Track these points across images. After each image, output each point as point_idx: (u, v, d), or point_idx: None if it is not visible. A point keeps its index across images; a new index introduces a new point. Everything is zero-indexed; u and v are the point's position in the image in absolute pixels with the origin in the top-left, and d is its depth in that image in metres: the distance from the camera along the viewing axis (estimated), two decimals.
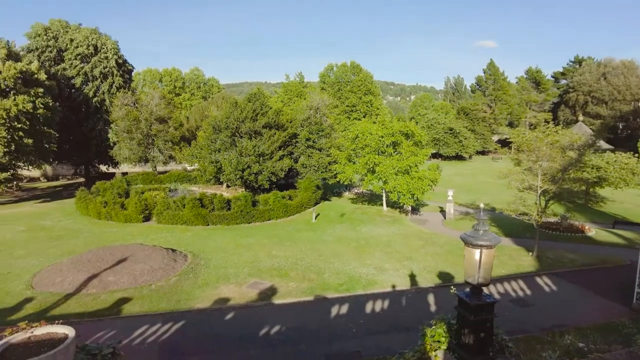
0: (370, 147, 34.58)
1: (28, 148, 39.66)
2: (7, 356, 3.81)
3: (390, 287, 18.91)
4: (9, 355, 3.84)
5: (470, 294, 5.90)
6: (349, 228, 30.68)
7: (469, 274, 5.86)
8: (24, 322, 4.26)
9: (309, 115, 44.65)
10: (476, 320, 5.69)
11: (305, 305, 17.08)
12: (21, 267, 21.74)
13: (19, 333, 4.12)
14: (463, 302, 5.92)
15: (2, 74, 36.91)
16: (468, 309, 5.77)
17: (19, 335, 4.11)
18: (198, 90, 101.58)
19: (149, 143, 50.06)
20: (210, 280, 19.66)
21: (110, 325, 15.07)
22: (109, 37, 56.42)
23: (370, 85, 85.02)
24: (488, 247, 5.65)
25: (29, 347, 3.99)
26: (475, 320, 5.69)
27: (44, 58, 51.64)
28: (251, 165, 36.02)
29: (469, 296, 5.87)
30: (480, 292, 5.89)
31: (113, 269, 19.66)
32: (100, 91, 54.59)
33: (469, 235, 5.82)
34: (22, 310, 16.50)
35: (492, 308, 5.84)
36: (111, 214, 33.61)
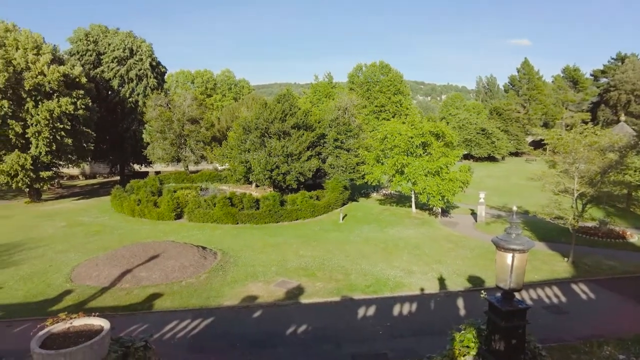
0: (399, 148, 34.21)
1: (68, 147, 41.56)
2: (48, 344, 4.01)
3: (419, 290, 18.65)
4: (50, 343, 4.04)
5: (501, 299, 5.74)
6: (376, 229, 30.47)
7: (501, 279, 5.71)
8: (63, 313, 4.48)
9: (337, 115, 44.61)
10: (507, 326, 5.53)
11: (332, 306, 17.08)
12: (61, 260, 22.82)
13: (59, 323, 4.33)
14: (494, 307, 5.77)
15: (47, 77, 38.78)
16: (499, 314, 5.62)
17: (59, 325, 4.32)
18: (229, 91, 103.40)
19: (182, 143, 51.35)
20: (238, 278, 19.97)
21: (143, 319, 15.55)
22: (144, 40, 58.30)
23: (400, 85, 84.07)
24: (521, 251, 5.49)
25: (68, 337, 4.19)
26: (506, 326, 5.53)
27: (84, 61, 53.91)
28: (280, 166, 36.37)
29: (500, 301, 5.72)
30: (512, 298, 5.72)
31: (145, 265, 20.30)
32: (135, 92, 56.49)
33: (501, 238, 5.67)
34: (62, 301, 17.29)
35: (524, 314, 5.67)
36: (144, 212, 34.69)
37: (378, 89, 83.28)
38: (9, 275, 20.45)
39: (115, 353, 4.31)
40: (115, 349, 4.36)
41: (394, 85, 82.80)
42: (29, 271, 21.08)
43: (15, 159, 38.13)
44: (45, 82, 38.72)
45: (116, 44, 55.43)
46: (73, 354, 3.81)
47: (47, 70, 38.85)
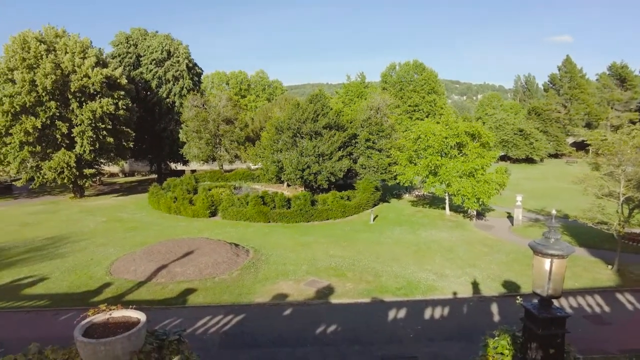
0: (433, 148, 33.61)
1: (110, 146, 43.48)
2: (90, 333, 4.22)
3: (451, 294, 18.26)
4: (91, 332, 4.25)
5: (538, 306, 5.54)
6: (408, 231, 30.07)
7: (538, 285, 5.51)
8: (103, 304, 4.69)
9: (369, 115, 44.33)
10: (545, 334, 5.33)
11: (362, 307, 17.01)
12: (102, 254, 23.89)
13: (99, 314, 4.54)
14: (530, 314, 5.57)
15: (91, 79, 40.68)
16: (535, 321, 5.43)
17: (100, 316, 4.53)
18: (263, 92, 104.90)
19: (217, 143, 52.54)
20: (270, 275, 20.23)
21: (177, 313, 16.03)
22: (181, 42, 60.07)
23: (434, 84, 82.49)
24: (560, 256, 5.27)
25: (107, 327, 4.39)
26: (543, 334, 5.33)
27: (124, 63, 56.14)
28: (311, 165, 36.56)
29: (537, 308, 5.52)
30: (550, 305, 5.51)
31: (180, 260, 20.91)
32: (172, 93, 58.30)
33: (539, 243, 5.47)
34: (102, 293, 18.10)
35: (563, 322, 5.44)
36: (180, 209, 35.73)
37: (412, 88, 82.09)
38: (55, 267, 21.60)
39: (150, 345, 4.46)
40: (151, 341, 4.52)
41: (428, 84, 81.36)
42: (73, 263, 22.19)
43: (61, 157, 40.20)
44: (89, 84, 40.64)
45: (155, 47, 57.43)
46: (112, 344, 3.98)
47: (91, 72, 40.76)
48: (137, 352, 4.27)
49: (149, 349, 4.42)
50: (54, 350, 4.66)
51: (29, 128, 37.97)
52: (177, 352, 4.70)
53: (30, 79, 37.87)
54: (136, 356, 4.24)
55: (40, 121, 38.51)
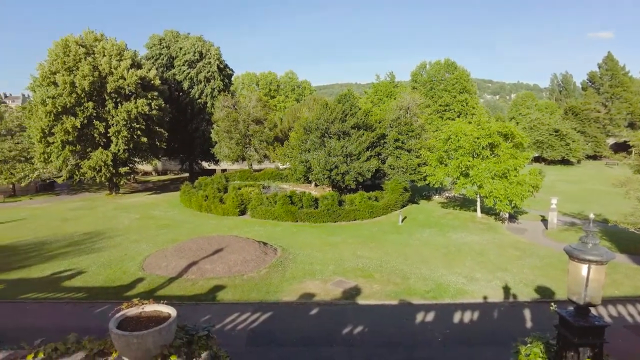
0: (464, 149, 32.89)
1: (143, 145, 44.92)
2: (123, 326, 4.37)
3: (482, 298, 17.82)
4: (125, 325, 4.41)
5: (574, 314, 5.32)
6: (438, 233, 29.55)
7: (573, 292, 5.29)
8: (136, 299, 4.85)
9: (398, 115, 43.86)
10: (581, 343, 5.11)
11: (389, 309, 16.84)
12: (135, 250, 24.71)
13: (132, 308, 4.70)
14: (565, 322, 5.36)
15: (126, 80, 42.16)
16: (571, 329, 5.21)
17: (133, 310, 4.69)
18: (292, 92, 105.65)
19: (246, 143, 53.32)
20: (297, 274, 20.34)
21: (206, 309, 16.37)
22: (212, 43, 61.30)
23: (466, 83, 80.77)
24: (598, 262, 5.04)
25: (140, 321, 4.53)
26: (580, 343, 5.11)
27: (158, 65, 57.83)
28: (339, 165, 36.52)
29: (573, 316, 5.29)
30: (587, 313, 5.28)
31: (210, 257, 21.33)
32: (203, 94, 59.59)
33: (575, 248, 5.25)
34: (135, 288, 18.71)
35: (601, 332, 5.20)
36: (211, 207, 36.48)
37: (443, 87, 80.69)
38: (92, 261, 22.52)
39: (180, 340, 4.57)
40: (181, 336, 4.63)
41: (460, 83, 79.75)
42: (108, 258, 23.06)
43: (99, 156, 41.85)
44: (124, 85, 42.14)
45: (187, 48, 58.86)
46: (144, 337, 4.11)
47: (126, 74, 42.25)
48: (168, 346, 4.38)
49: (179, 343, 4.53)
50: (91, 341, 4.86)
51: (69, 128, 39.76)
52: (206, 347, 4.79)
53: (70, 81, 39.63)
54: (166, 350, 4.36)
55: (79, 121, 40.26)
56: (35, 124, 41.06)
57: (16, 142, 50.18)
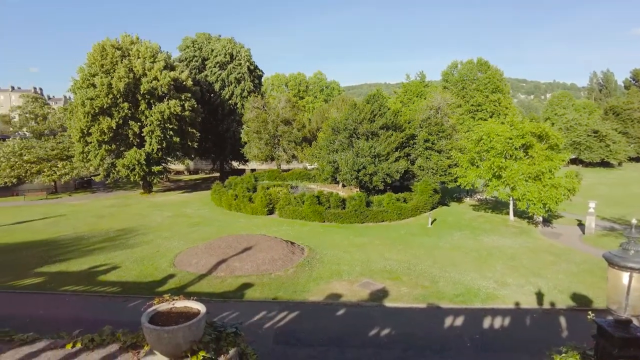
0: (496, 150, 32.03)
1: (176, 145, 46.14)
2: (155, 320, 4.50)
3: (513, 304, 17.29)
4: (156, 319, 4.53)
5: (613, 324, 5.07)
6: (468, 236, 28.90)
7: (613, 301, 5.05)
8: (167, 294, 4.97)
9: (428, 115, 43.20)
10: (622, 355, 4.87)
11: (417, 312, 16.60)
12: (167, 247, 25.39)
13: (163, 303, 4.83)
14: (604, 332, 5.11)
15: (159, 81, 43.41)
16: (611, 340, 4.97)
17: (164, 305, 4.81)
18: (320, 93, 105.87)
19: (275, 143, 53.87)
20: (324, 275, 20.35)
21: (234, 307, 16.61)
22: (243, 45, 62.27)
23: (499, 83, 78.51)
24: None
25: (170, 316, 4.65)
26: (620, 355, 4.87)
27: (191, 67, 59.26)
28: (367, 166, 36.30)
29: (612, 326, 5.05)
30: (629, 323, 5.02)
31: (239, 256, 21.66)
32: (234, 95, 60.62)
33: (616, 254, 5.01)
34: (166, 284, 19.22)
35: None
36: (240, 206, 37.06)
37: (475, 87, 78.79)
38: (126, 257, 23.30)
39: (209, 336, 4.65)
40: (210, 332, 4.71)
41: (493, 82, 77.63)
42: (141, 254, 23.79)
43: (133, 155, 43.30)
44: (157, 86, 43.40)
45: (218, 50, 60.03)
46: (174, 332, 4.20)
47: (160, 75, 43.53)
48: (197, 341, 4.47)
49: (208, 339, 4.62)
50: (124, 334, 5.03)
51: (105, 128, 41.33)
52: (234, 344, 4.86)
53: (107, 82, 41.18)
54: (196, 345, 4.45)
55: (114, 121, 41.78)
56: (75, 124, 42.94)
57: (58, 142, 52.75)
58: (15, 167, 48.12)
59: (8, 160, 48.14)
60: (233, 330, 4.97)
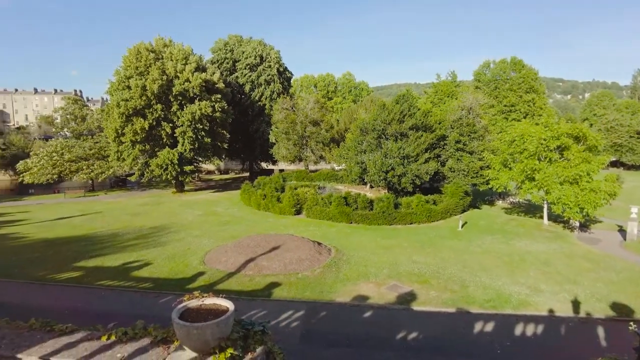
0: (529, 152, 31.02)
1: (207, 146, 47.12)
2: (185, 316, 4.60)
3: (547, 312, 16.67)
4: (186, 316, 4.64)
5: None
6: (500, 240, 28.11)
7: None
8: (197, 291, 5.08)
9: (460, 115, 42.34)
10: None
11: (446, 316, 16.27)
12: (197, 245, 25.95)
13: (193, 300, 4.93)
14: None
15: (191, 82, 44.45)
16: None
17: (194, 302, 4.92)
18: (349, 94, 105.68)
19: (303, 144, 54.17)
20: (350, 276, 20.27)
21: (261, 305, 16.78)
22: (273, 47, 62.95)
23: (533, 83, 76.03)
24: None
25: (200, 313, 4.74)
26: None
27: (222, 69, 60.40)
28: (395, 167, 35.90)
29: None
30: None
31: (267, 255, 21.88)
32: (263, 96, 61.36)
33: None
34: (196, 281, 19.64)
35: None
36: (268, 206, 37.45)
37: (508, 87, 76.63)
38: (158, 254, 23.97)
39: (237, 333, 4.72)
40: (238, 330, 4.77)
41: (527, 82, 75.27)
42: (172, 252, 24.42)
43: (166, 155, 44.51)
44: (189, 88, 44.45)
45: (248, 52, 60.92)
46: (203, 329, 4.28)
47: (191, 77, 44.57)
48: (225, 338, 4.54)
49: (236, 337, 4.68)
50: (156, 328, 5.17)
51: (138, 129, 42.68)
52: (261, 342, 4.90)
53: (141, 84, 42.50)
54: (224, 342, 4.52)
55: (148, 122, 43.07)
56: (111, 125, 44.57)
57: (95, 142, 54.93)
58: (57, 166, 50.51)
59: (51, 159, 50.57)
60: (260, 328, 5.02)
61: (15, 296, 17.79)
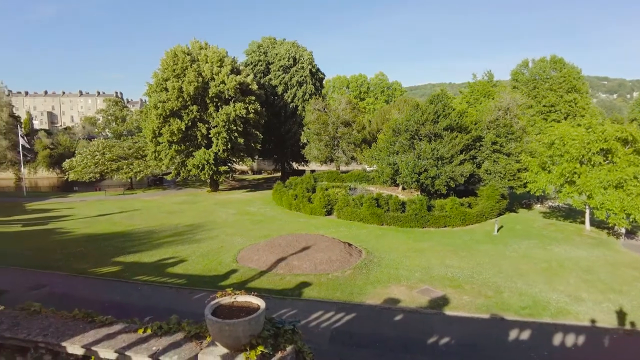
0: (570, 154, 29.68)
1: (240, 146, 47.98)
2: (217, 313, 4.69)
3: (588, 322, 15.89)
4: (219, 312, 4.73)
5: None
6: (538, 245, 27.06)
7: None
8: (230, 288, 5.17)
9: (496, 116, 41.12)
10: None
11: (479, 322, 15.82)
12: (230, 243, 26.46)
13: (226, 297, 5.02)
14: None
15: (226, 85, 45.38)
16: None
17: (226, 299, 5.01)
18: (382, 94, 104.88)
19: (335, 145, 54.20)
20: (381, 278, 20.08)
21: (292, 304, 16.87)
22: (305, 48, 63.33)
23: (576, 82, 72.63)
24: None
25: (232, 310, 4.82)
26: None
27: (256, 71, 61.36)
28: (428, 169, 35.24)
29: None
30: None
31: (298, 254, 22.02)
32: (296, 97, 61.85)
33: None
34: (229, 278, 20.01)
35: None
36: (299, 206, 37.69)
37: (548, 86, 73.60)
38: (192, 251, 24.60)
39: (267, 331, 4.76)
40: (268, 328, 4.82)
41: (568, 81, 71.99)
42: (206, 249, 24.99)
43: (201, 155, 45.66)
44: (224, 90, 45.41)
45: (282, 54, 61.56)
46: (235, 325, 4.35)
47: (226, 79, 45.51)
48: (256, 336, 4.59)
49: (266, 335, 4.72)
50: (189, 324, 5.30)
51: (175, 129, 43.97)
52: (291, 341, 4.92)
53: (178, 86, 43.78)
54: (255, 340, 4.57)
55: (184, 123, 44.32)
56: (149, 126, 46.19)
57: (134, 142, 57.11)
58: (99, 165, 52.84)
59: (93, 158, 52.98)
60: (291, 327, 5.04)
61: (61, 287, 18.75)
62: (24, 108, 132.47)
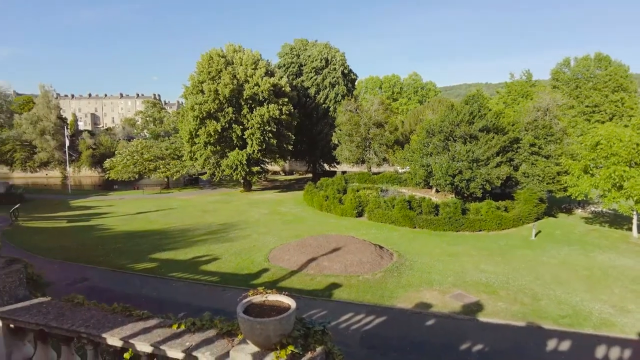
0: (618, 157, 28.17)
1: (273, 147, 48.58)
2: (249, 311, 4.75)
3: (636, 335, 15.01)
4: (250, 310, 4.79)
5: None
6: (579, 252, 25.85)
7: None
8: (261, 287, 5.22)
9: (535, 117, 39.64)
10: None
11: (515, 330, 15.27)
12: (262, 242, 26.80)
13: (257, 296, 5.07)
14: None
15: (260, 87, 46.07)
16: None
17: (257, 297, 5.06)
18: (415, 95, 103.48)
19: (366, 146, 53.89)
20: (413, 282, 19.77)
21: (322, 305, 16.88)
22: (338, 49, 63.36)
23: (623, 80, 68.90)
24: None
25: (263, 309, 4.86)
26: None
27: (288, 73, 61.95)
28: (463, 171, 34.41)
29: None
30: None
31: (328, 255, 22.02)
32: (328, 99, 61.99)
33: None
34: (260, 277, 20.27)
35: None
36: (330, 207, 37.70)
37: (591, 85, 70.27)
38: (226, 249, 25.09)
39: (298, 331, 4.77)
40: (299, 328, 4.82)
41: (614, 80, 68.43)
42: (239, 248, 25.43)
43: (235, 156, 46.56)
44: (259, 92, 46.11)
45: (314, 56, 61.88)
46: (266, 324, 4.39)
47: (261, 81, 46.21)
48: (286, 335, 4.61)
49: (297, 334, 4.73)
50: (222, 321, 5.40)
51: (211, 131, 45.04)
52: (321, 342, 4.91)
53: (214, 89, 44.82)
54: (285, 339, 4.59)
55: (220, 125, 45.32)
56: (185, 127, 47.53)
57: (171, 142, 58.94)
58: (137, 164, 54.90)
59: (132, 158, 55.09)
60: (321, 328, 5.02)
61: (101, 281, 19.59)
62: (70, 110, 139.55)
